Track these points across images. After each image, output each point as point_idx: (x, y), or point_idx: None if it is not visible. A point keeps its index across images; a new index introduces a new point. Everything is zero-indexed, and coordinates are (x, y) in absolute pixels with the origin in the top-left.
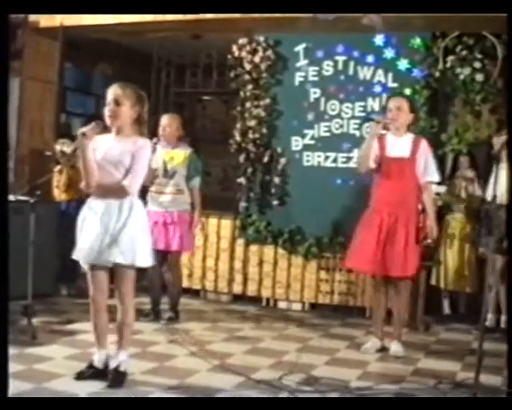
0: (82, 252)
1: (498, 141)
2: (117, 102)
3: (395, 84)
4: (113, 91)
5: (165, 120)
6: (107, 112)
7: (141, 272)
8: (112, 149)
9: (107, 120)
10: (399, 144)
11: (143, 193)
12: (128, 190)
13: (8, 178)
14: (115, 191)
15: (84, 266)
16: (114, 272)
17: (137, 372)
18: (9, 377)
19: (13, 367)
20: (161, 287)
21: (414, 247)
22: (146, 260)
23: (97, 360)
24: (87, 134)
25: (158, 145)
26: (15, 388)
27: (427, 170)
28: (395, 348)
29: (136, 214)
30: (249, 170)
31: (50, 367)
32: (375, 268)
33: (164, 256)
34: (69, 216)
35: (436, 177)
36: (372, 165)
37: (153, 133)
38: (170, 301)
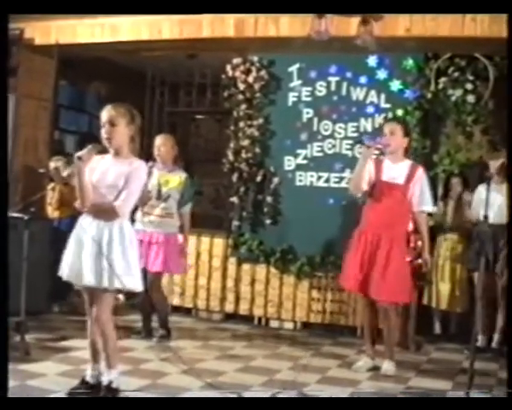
0: (68, 272)
1: (495, 164)
2: (112, 123)
3: (388, 105)
4: (107, 113)
5: (159, 140)
6: (103, 134)
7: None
8: (108, 172)
9: (105, 142)
10: (395, 170)
11: (132, 211)
12: (119, 211)
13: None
14: (106, 212)
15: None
16: (94, 295)
17: (129, 389)
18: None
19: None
20: (151, 305)
21: (397, 272)
22: (136, 284)
23: (90, 375)
24: (83, 158)
25: (154, 168)
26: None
27: (422, 199)
28: (386, 366)
29: (127, 239)
30: (242, 189)
31: (43, 384)
32: (358, 287)
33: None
34: (61, 233)
35: (430, 207)
36: (365, 187)
37: (148, 155)
38: (158, 320)
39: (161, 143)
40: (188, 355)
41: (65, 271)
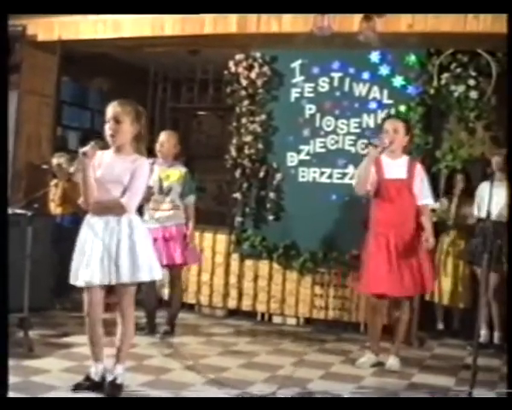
0: (85, 276)
1: (497, 160)
2: (117, 120)
3: (390, 101)
4: (112, 109)
5: (163, 136)
6: (107, 130)
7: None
8: (111, 167)
9: (108, 139)
10: (396, 166)
11: (140, 212)
12: (126, 207)
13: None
14: (113, 209)
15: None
16: (116, 287)
17: (133, 385)
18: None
19: (9, 379)
20: (156, 301)
21: (428, 263)
22: (154, 273)
23: (94, 372)
24: (88, 153)
25: (155, 165)
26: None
27: (423, 192)
28: (392, 362)
29: (136, 230)
30: (245, 185)
31: (47, 379)
32: (392, 289)
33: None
34: (64, 229)
35: (431, 200)
36: (368, 187)
37: (150, 150)
38: (168, 315)
39: (165, 139)
40: (191, 351)
41: (83, 277)
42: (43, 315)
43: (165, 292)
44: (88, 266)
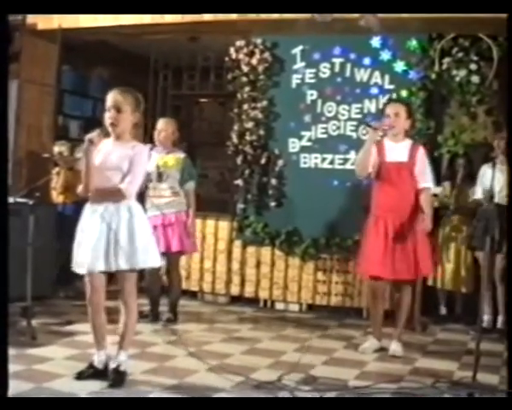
0: (85, 263)
1: (500, 144)
2: (118, 109)
3: (392, 86)
4: (113, 98)
5: (161, 124)
6: (107, 119)
7: (139, 273)
8: (111, 154)
9: (109, 127)
10: (397, 149)
11: (141, 200)
12: (125, 193)
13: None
14: (112, 195)
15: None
16: (117, 274)
17: (137, 372)
18: (9, 377)
19: (13, 368)
20: (160, 288)
21: (425, 247)
22: (153, 260)
23: (97, 360)
24: (94, 140)
25: (153, 151)
26: (16, 388)
27: (424, 176)
28: (395, 347)
29: (136, 217)
30: (246, 172)
31: (50, 368)
32: (386, 272)
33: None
34: (66, 218)
35: (432, 184)
36: (370, 169)
37: (149, 137)
38: (169, 303)
39: (162, 127)
40: (194, 338)
41: (84, 264)
42: (46, 304)
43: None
44: (88, 252)
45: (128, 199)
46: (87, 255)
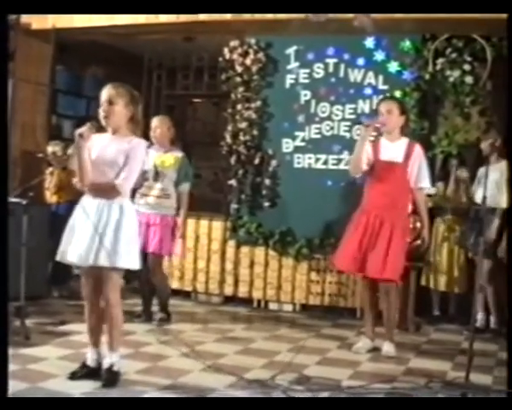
0: (69, 255)
1: (486, 145)
2: (110, 102)
3: (385, 87)
4: (106, 91)
5: (155, 121)
6: (101, 112)
7: (132, 273)
8: (107, 148)
9: (102, 120)
10: (393, 149)
11: (132, 194)
12: (119, 189)
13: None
14: (107, 190)
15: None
16: (100, 273)
17: (131, 372)
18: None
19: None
20: (151, 288)
21: (398, 251)
22: (132, 262)
23: (90, 358)
24: (84, 135)
25: (151, 149)
26: (10, 387)
27: (420, 176)
28: (387, 348)
29: (126, 216)
30: (240, 172)
31: (44, 367)
32: (354, 267)
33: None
34: (59, 218)
35: (428, 183)
36: (364, 167)
37: (145, 136)
38: (159, 303)
39: (157, 124)
40: (188, 338)
41: (63, 253)
42: (40, 303)
43: None
44: (73, 245)
45: (122, 196)
46: (71, 247)
